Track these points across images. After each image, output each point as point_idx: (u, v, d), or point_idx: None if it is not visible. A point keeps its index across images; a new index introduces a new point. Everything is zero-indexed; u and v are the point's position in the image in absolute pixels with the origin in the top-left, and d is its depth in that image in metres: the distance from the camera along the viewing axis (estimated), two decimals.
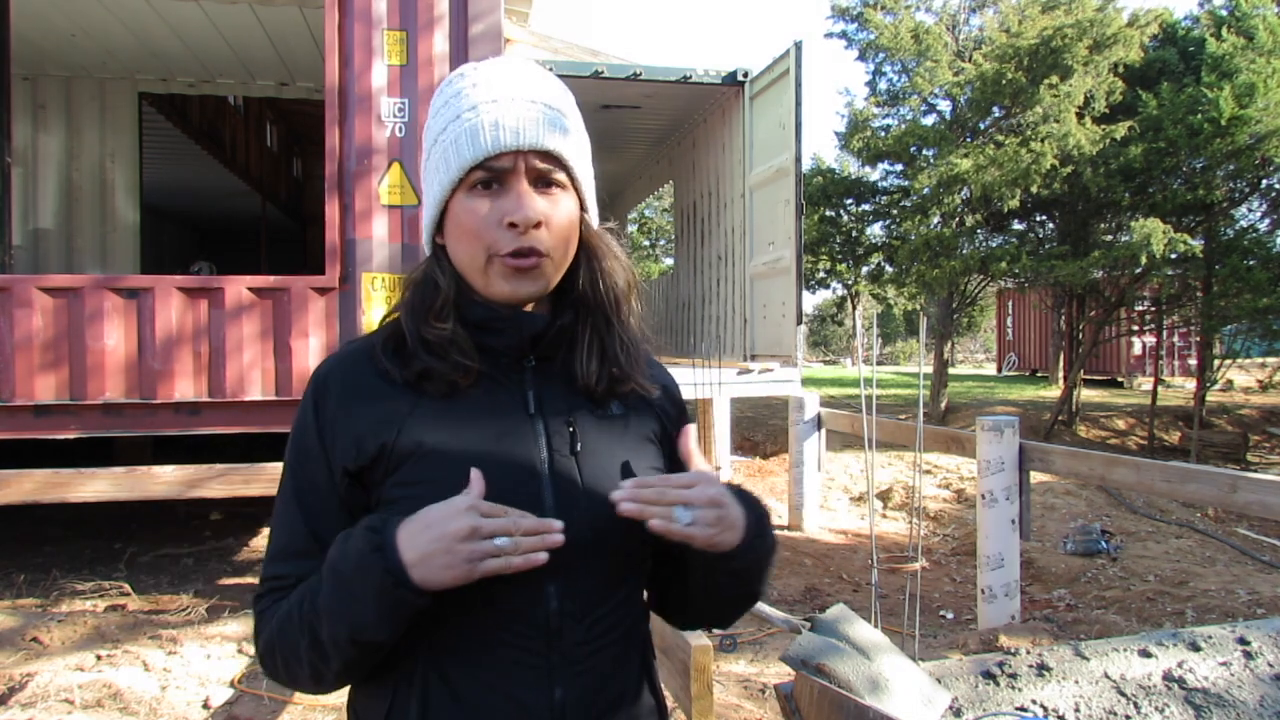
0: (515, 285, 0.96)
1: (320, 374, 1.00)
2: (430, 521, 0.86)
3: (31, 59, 7.72)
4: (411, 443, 0.94)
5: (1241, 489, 3.81)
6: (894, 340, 36.62)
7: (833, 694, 1.47)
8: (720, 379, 6.69)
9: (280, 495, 0.99)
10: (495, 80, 0.97)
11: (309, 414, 0.98)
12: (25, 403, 4.68)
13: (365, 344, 1.02)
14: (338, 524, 0.94)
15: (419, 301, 0.99)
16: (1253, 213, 12.60)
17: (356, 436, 0.95)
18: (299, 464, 0.98)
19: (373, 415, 0.96)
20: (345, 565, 0.87)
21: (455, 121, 0.96)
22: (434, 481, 0.91)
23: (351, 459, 0.95)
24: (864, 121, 13.27)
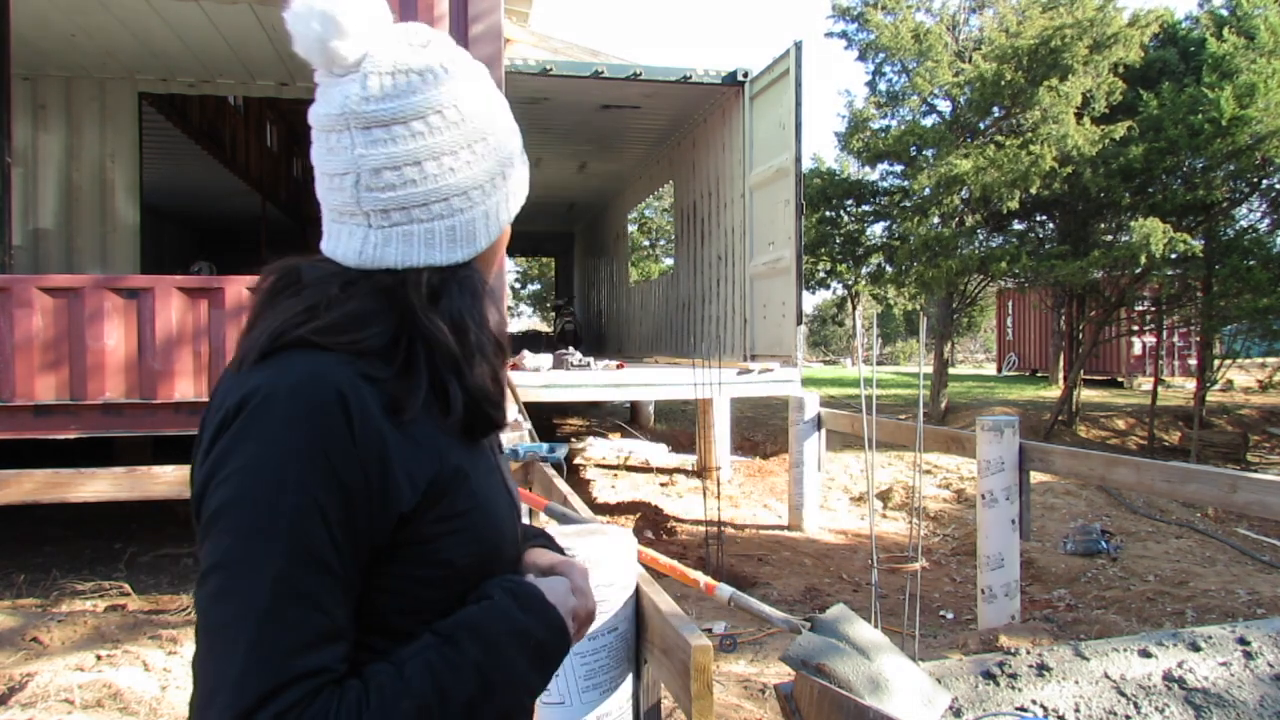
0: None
1: (338, 390, 0.77)
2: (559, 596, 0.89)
3: (31, 59, 7.72)
4: (454, 468, 0.84)
5: (1241, 489, 3.81)
6: (894, 340, 36.62)
7: (833, 694, 1.47)
8: (720, 379, 6.69)
9: (295, 557, 0.72)
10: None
11: (343, 444, 0.76)
12: (25, 403, 4.68)
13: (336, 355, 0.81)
14: (359, 587, 0.78)
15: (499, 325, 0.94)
16: (1253, 213, 12.60)
17: (409, 469, 0.80)
18: (337, 510, 0.75)
19: (412, 443, 0.81)
20: (540, 634, 0.85)
21: (520, 149, 0.97)
22: (472, 511, 0.85)
23: (407, 500, 0.79)
24: (864, 122, 13.27)
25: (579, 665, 2.06)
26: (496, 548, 0.89)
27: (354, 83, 0.85)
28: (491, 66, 5.51)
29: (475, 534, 0.85)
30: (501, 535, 0.90)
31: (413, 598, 0.82)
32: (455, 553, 0.83)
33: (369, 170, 0.85)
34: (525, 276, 41.12)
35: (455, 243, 0.89)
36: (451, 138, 0.87)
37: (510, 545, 0.93)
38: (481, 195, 0.90)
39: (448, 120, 0.87)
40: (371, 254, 0.87)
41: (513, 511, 0.96)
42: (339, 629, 0.74)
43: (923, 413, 4.47)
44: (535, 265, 39.00)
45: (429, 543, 0.81)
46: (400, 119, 0.85)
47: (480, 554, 0.86)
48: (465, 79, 0.90)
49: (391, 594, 0.81)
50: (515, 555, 0.96)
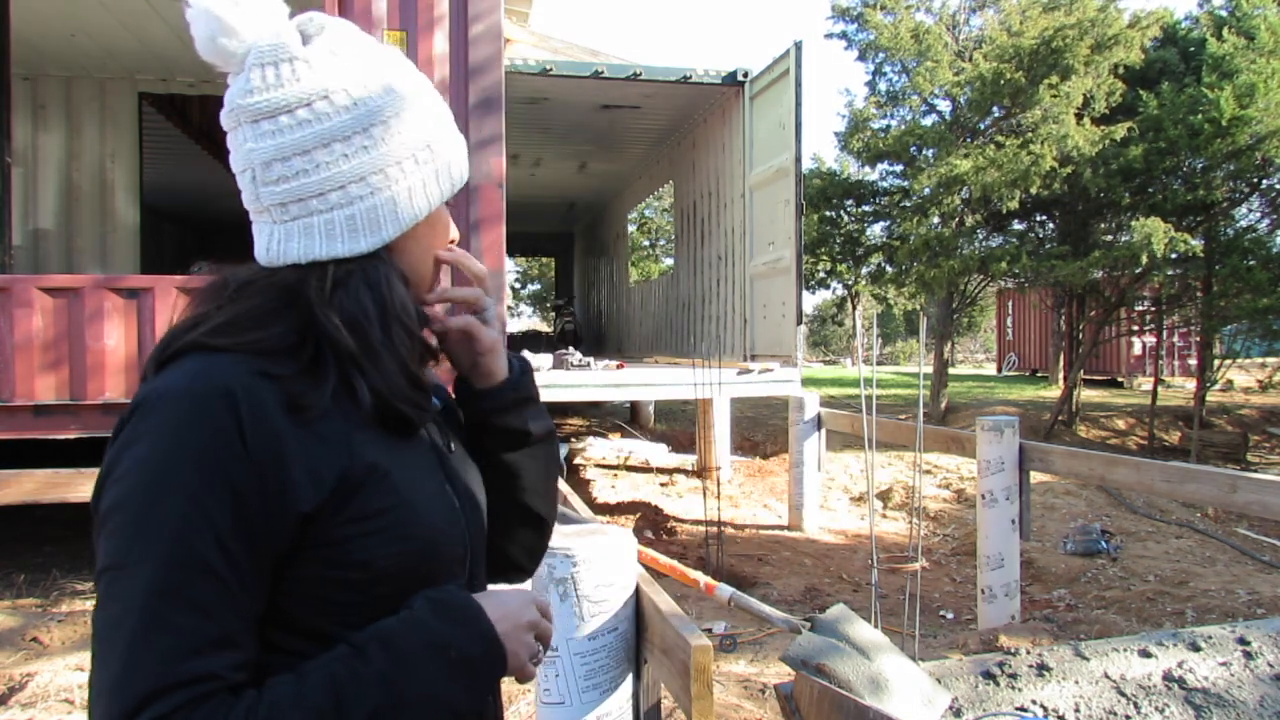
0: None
1: (226, 389, 0.75)
2: (511, 609, 0.84)
3: (31, 59, 7.72)
4: (366, 465, 0.80)
5: (1241, 489, 3.81)
6: (894, 340, 36.63)
7: (833, 694, 1.47)
8: (720, 379, 6.69)
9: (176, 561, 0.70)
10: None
11: (230, 444, 0.73)
12: (25, 403, 4.68)
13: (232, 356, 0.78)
14: (264, 591, 0.75)
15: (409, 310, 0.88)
16: (1253, 213, 12.60)
17: (311, 468, 0.77)
18: (222, 513, 0.72)
19: (317, 440, 0.78)
20: (462, 649, 0.78)
21: (450, 131, 0.95)
22: (393, 510, 0.81)
23: (310, 499, 0.76)
24: (864, 122, 13.27)
25: (579, 665, 2.06)
26: (427, 549, 0.84)
27: (240, 78, 0.85)
28: (491, 67, 5.48)
29: (396, 534, 0.81)
30: (436, 535, 0.85)
31: (333, 601, 0.79)
32: (373, 554, 0.79)
33: (260, 164, 0.85)
34: (525, 276, 41.13)
35: (356, 232, 0.85)
36: (341, 123, 0.84)
37: (451, 545, 0.88)
38: (384, 180, 0.86)
39: (335, 105, 0.84)
40: (277, 250, 0.85)
41: (458, 512, 0.91)
42: (229, 635, 0.72)
43: (923, 413, 4.47)
44: (535, 265, 39.01)
45: (341, 544, 0.78)
46: (284, 108, 0.83)
47: (405, 554, 0.81)
48: (356, 62, 0.86)
49: (310, 598, 0.78)
50: (460, 555, 0.90)
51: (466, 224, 5.11)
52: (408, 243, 0.90)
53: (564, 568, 2.08)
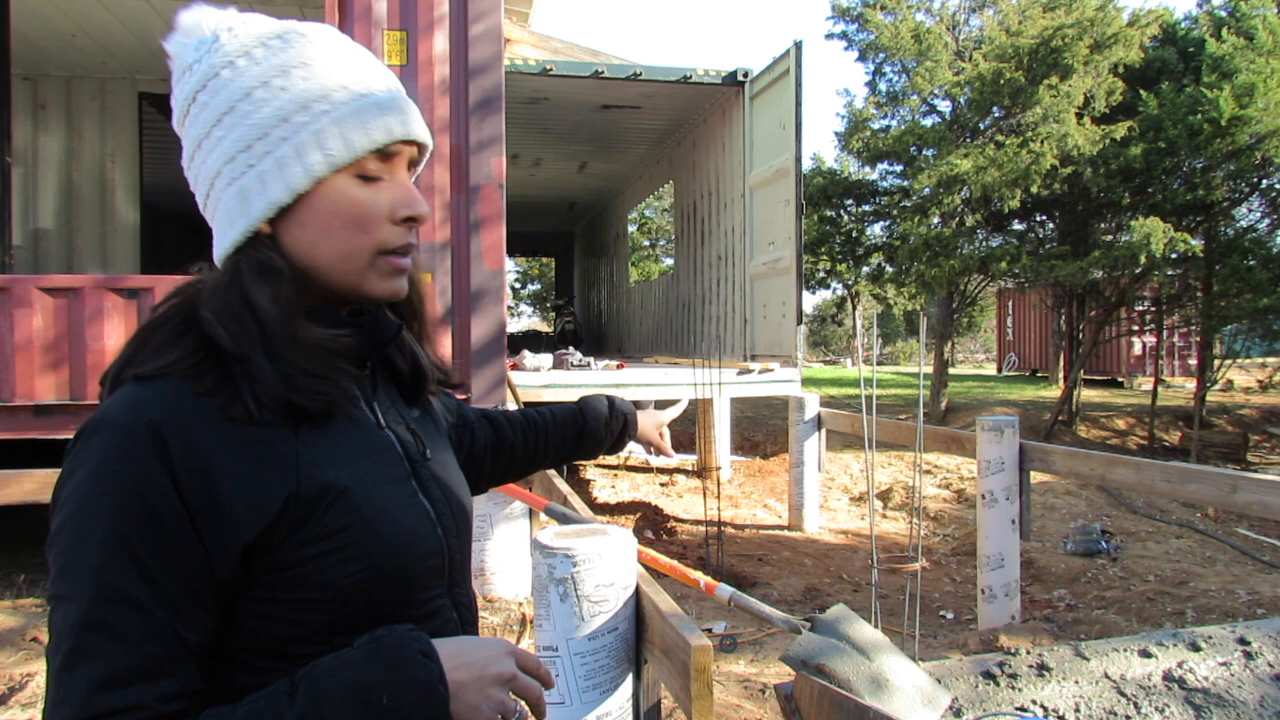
0: (396, 285, 0.87)
1: (150, 422, 0.73)
2: (474, 657, 0.77)
3: (31, 59, 7.72)
4: (318, 486, 0.78)
5: (1241, 489, 3.81)
6: (894, 340, 36.62)
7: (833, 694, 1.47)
8: (720, 379, 6.69)
9: (100, 595, 0.70)
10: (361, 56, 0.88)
11: (154, 477, 0.72)
12: (25, 403, 4.68)
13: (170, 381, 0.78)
14: (208, 618, 0.74)
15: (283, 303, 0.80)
16: (1253, 213, 12.60)
17: (252, 496, 0.75)
18: (145, 546, 0.71)
19: (260, 464, 0.77)
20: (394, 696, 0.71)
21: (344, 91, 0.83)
22: (351, 528, 0.79)
23: (251, 528, 0.75)
24: (864, 122, 13.27)
25: (579, 665, 2.06)
26: (391, 564, 0.81)
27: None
28: (492, 67, 5.48)
29: (356, 552, 0.79)
30: (401, 550, 0.83)
31: (302, 623, 0.78)
32: (332, 574, 0.77)
33: (188, 170, 0.87)
34: (525, 276, 41.13)
35: (226, 229, 0.83)
36: (206, 119, 0.83)
37: (424, 557, 0.86)
38: (234, 170, 0.82)
39: (200, 104, 0.83)
40: (219, 257, 0.86)
41: (432, 522, 0.89)
42: (157, 666, 0.70)
43: (923, 413, 4.47)
44: (535, 265, 39.01)
45: (300, 565, 0.77)
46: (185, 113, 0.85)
47: (367, 572, 0.79)
48: (221, 56, 0.83)
49: (279, 620, 0.77)
50: (436, 565, 0.88)
51: (466, 224, 5.11)
52: (293, 228, 0.83)
53: (564, 568, 2.08)
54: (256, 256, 0.82)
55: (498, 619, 4.45)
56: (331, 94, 0.83)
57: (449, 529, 0.91)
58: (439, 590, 0.89)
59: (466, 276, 5.09)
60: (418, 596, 0.86)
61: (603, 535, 2.18)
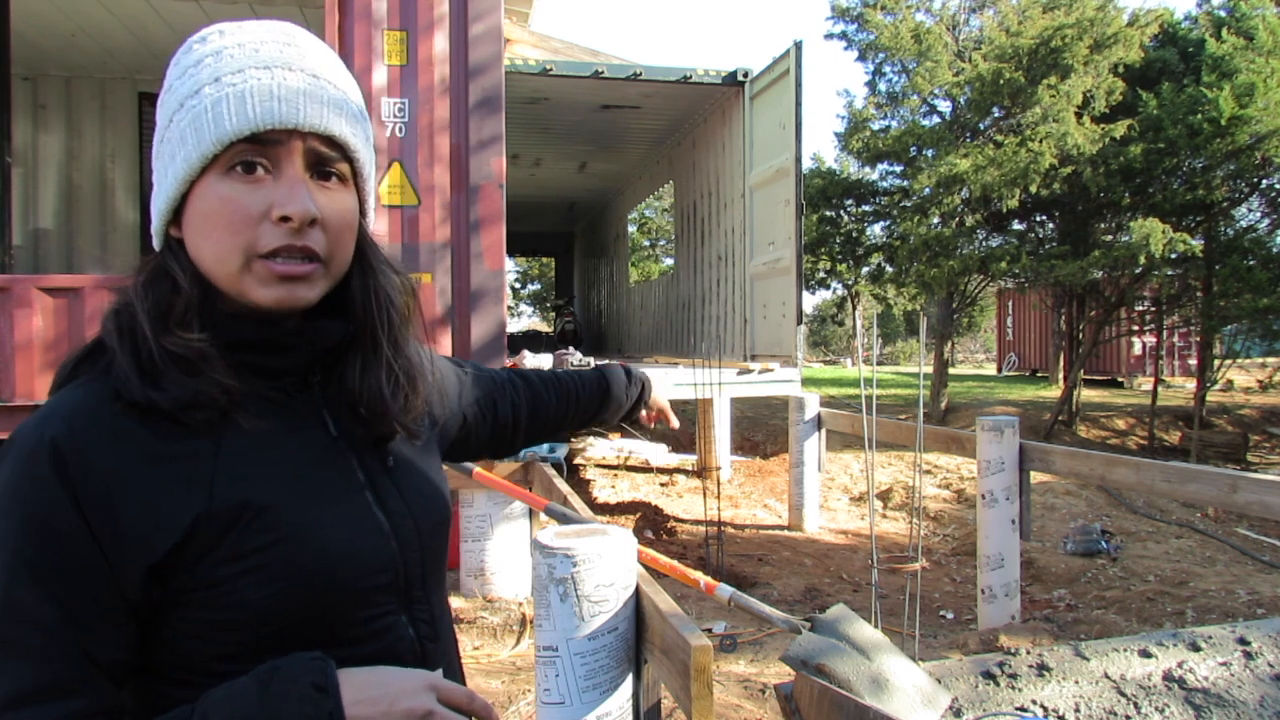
0: (281, 293, 0.79)
1: (55, 436, 0.72)
2: (382, 691, 0.73)
3: (31, 59, 7.72)
4: (233, 504, 0.75)
5: (1241, 489, 3.81)
6: (894, 340, 36.62)
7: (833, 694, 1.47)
8: (720, 379, 6.69)
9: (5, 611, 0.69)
10: (268, 45, 0.80)
11: (52, 491, 0.70)
12: (25, 403, 4.68)
13: (94, 388, 0.77)
14: (122, 637, 0.73)
15: (157, 305, 0.78)
16: (1253, 213, 12.60)
17: (156, 515, 0.72)
18: (45, 566, 0.70)
19: (168, 480, 0.74)
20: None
21: (213, 85, 0.78)
22: (274, 545, 0.76)
23: (156, 548, 0.72)
24: (864, 122, 13.27)
25: (579, 665, 2.06)
26: (319, 583, 0.77)
27: None
28: (492, 67, 5.47)
29: (276, 571, 0.75)
30: (333, 567, 0.79)
31: (224, 642, 0.75)
32: (249, 594, 0.74)
33: None
34: (525, 276, 41.13)
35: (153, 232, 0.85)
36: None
37: (366, 574, 0.81)
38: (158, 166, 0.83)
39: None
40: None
41: (384, 534, 0.84)
42: (61, 685, 0.69)
43: (923, 413, 4.47)
44: (535, 265, 39.01)
45: (219, 585, 0.74)
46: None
47: (288, 591, 0.76)
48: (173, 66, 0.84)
49: (202, 639, 0.75)
50: (384, 581, 0.83)
51: (466, 224, 5.11)
52: (185, 231, 0.81)
53: (564, 568, 2.08)
54: (155, 260, 0.82)
55: (498, 619, 4.45)
56: (202, 88, 0.78)
57: (407, 542, 0.86)
58: (390, 607, 0.84)
59: (466, 276, 5.09)
60: (360, 615, 0.81)
61: (603, 535, 2.18)
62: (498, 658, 3.97)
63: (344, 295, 0.87)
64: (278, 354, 0.83)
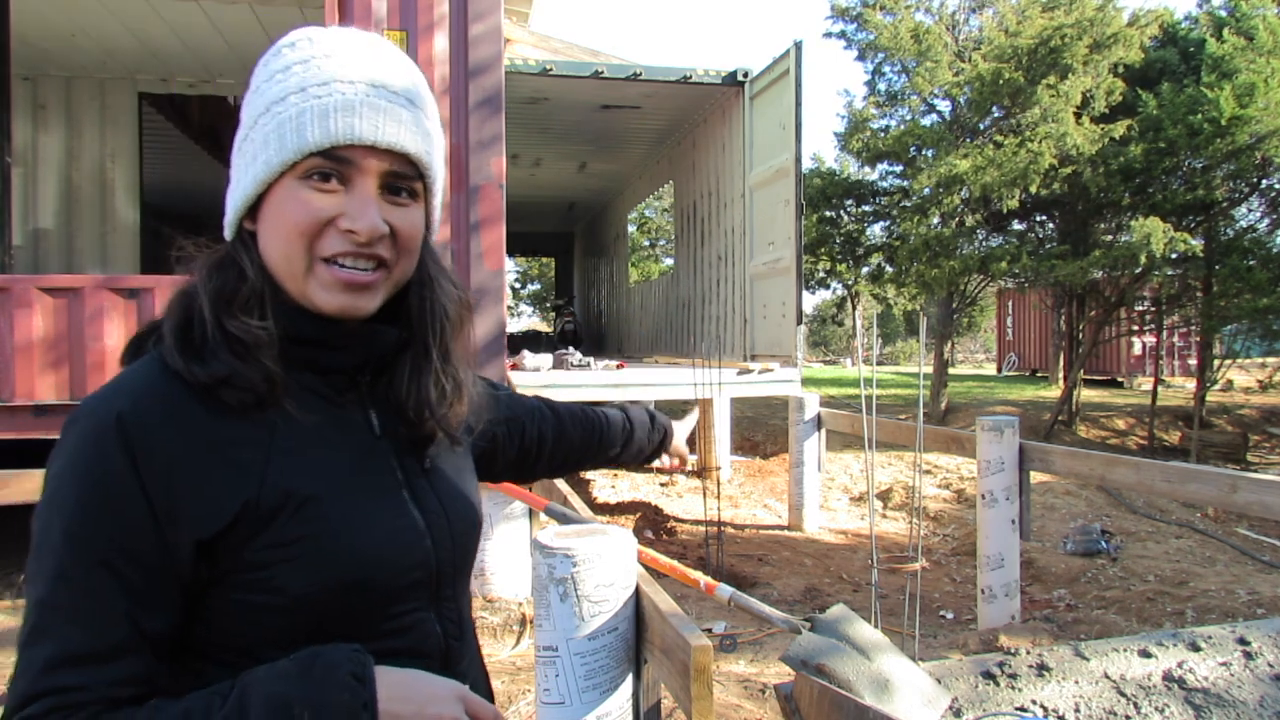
0: (344, 300, 0.82)
1: (121, 411, 0.75)
2: (415, 692, 0.76)
3: (31, 59, 7.72)
4: (279, 493, 0.78)
5: (1241, 489, 3.81)
6: (894, 340, 36.62)
7: (833, 694, 1.47)
8: (720, 379, 6.69)
9: (59, 575, 0.73)
10: (355, 58, 0.84)
11: (117, 464, 0.74)
12: (25, 403, 4.68)
13: (157, 366, 0.80)
14: (170, 612, 0.76)
15: (220, 289, 0.82)
16: (1253, 213, 12.60)
17: (210, 496, 0.76)
18: (105, 529, 0.73)
19: (223, 464, 0.77)
20: (314, 716, 0.71)
21: (300, 94, 0.81)
22: (315, 536, 0.79)
23: (208, 527, 0.76)
24: (863, 122, 13.27)
25: (579, 665, 2.06)
26: (354, 576, 0.80)
27: None
28: (492, 67, 5.47)
29: (313, 561, 0.78)
30: (370, 563, 0.81)
31: (265, 625, 0.78)
32: (288, 580, 0.77)
33: None
34: (525, 276, 41.13)
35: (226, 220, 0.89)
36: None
37: (401, 571, 0.84)
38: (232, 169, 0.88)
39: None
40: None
41: (421, 534, 0.87)
42: (110, 650, 0.72)
43: (923, 413, 4.47)
44: (535, 265, 39.01)
45: (262, 568, 0.77)
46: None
47: (324, 582, 0.78)
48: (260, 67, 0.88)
49: (245, 621, 0.78)
50: (419, 578, 0.86)
51: (466, 224, 5.11)
52: (259, 226, 0.85)
53: (564, 568, 2.08)
54: (224, 249, 0.86)
55: (498, 619, 4.45)
56: (288, 96, 0.82)
57: (441, 542, 0.89)
58: (420, 604, 0.87)
59: (466, 276, 5.09)
60: (392, 609, 0.84)
61: (603, 535, 2.18)
62: (498, 658, 3.97)
63: (401, 303, 0.91)
64: (332, 351, 0.86)
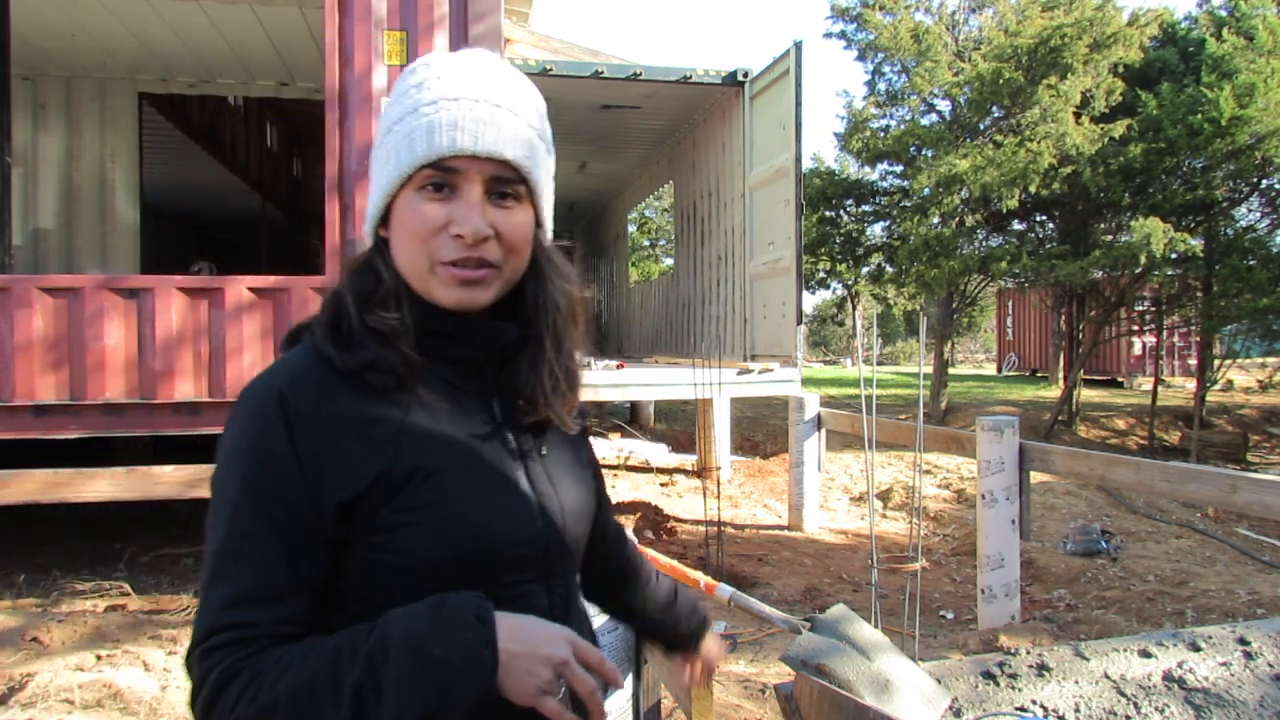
0: (460, 295, 0.92)
1: (281, 388, 0.88)
2: (530, 634, 0.83)
3: (31, 59, 7.72)
4: (410, 465, 0.89)
5: (1241, 489, 3.81)
6: (894, 340, 36.62)
7: (833, 694, 1.47)
8: (720, 379, 6.69)
9: (232, 527, 0.84)
10: (461, 77, 0.93)
11: (278, 432, 0.86)
12: (25, 403, 4.68)
13: (311, 352, 0.93)
14: (319, 562, 0.87)
15: (361, 289, 0.94)
16: (1253, 213, 12.60)
17: (350, 463, 0.87)
18: (268, 488, 0.85)
19: (362, 437, 0.88)
20: (443, 651, 0.78)
21: (412, 114, 0.92)
22: (437, 504, 0.89)
23: (346, 490, 0.86)
24: (863, 122, 13.27)
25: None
26: (472, 545, 0.89)
27: None
28: None
29: (436, 528, 0.88)
30: (486, 534, 0.90)
31: (394, 584, 0.87)
32: (415, 544, 0.87)
33: None
34: None
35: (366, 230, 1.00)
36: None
37: (513, 545, 0.92)
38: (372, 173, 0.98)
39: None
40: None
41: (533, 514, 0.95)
42: (272, 593, 0.83)
43: (923, 413, 4.47)
44: None
45: (392, 530, 0.87)
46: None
47: (445, 547, 0.88)
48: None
49: (376, 580, 0.88)
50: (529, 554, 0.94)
51: None
52: (391, 234, 0.95)
53: None
54: (365, 255, 0.98)
55: None
56: (405, 117, 0.93)
57: (551, 521, 0.97)
58: (531, 577, 0.95)
59: None
60: (504, 578, 0.92)
61: None
62: None
63: (519, 297, 1.00)
64: (460, 344, 0.96)
